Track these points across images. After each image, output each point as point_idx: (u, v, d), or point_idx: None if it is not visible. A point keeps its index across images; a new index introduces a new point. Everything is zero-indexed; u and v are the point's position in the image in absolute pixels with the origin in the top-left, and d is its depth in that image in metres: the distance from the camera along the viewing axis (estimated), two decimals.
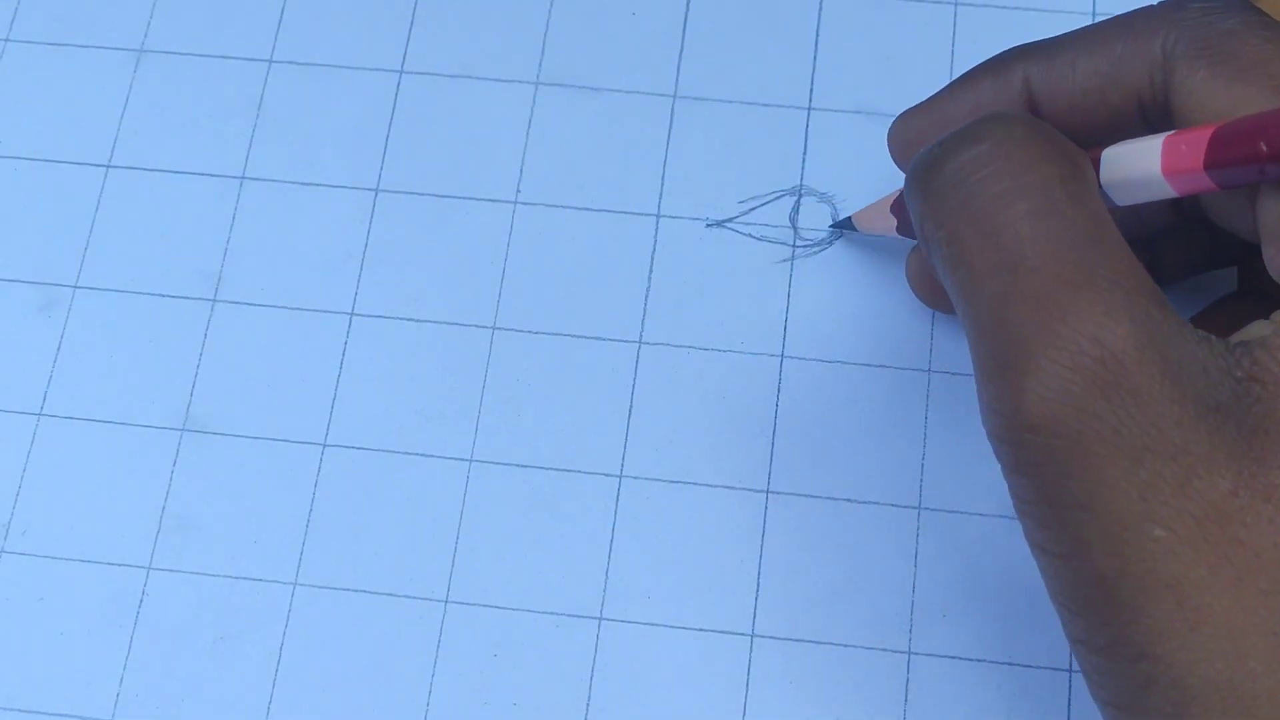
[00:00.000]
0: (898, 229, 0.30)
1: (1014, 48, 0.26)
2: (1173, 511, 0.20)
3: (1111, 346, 0.20)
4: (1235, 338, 0.22)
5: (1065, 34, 0.26)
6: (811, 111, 0.34)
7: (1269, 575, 0.20)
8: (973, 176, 0.22)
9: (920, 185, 0.23)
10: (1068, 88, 0.25)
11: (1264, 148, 0.22)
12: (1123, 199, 0.24)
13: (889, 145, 0.28)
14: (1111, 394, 0.20)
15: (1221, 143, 0.22)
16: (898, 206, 0.30)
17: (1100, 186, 0.24)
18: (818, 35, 0.34)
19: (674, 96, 0.34)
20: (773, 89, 0.34)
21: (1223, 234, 0.26)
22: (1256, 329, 0.22)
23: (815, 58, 0.34)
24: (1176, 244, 0.27)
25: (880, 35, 0.34)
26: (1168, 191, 0.23)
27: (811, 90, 0.34)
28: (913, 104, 0.28)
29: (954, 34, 0.34)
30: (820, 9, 0.35)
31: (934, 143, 0.23)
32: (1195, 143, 0.23)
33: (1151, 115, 0.24)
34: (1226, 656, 0.20)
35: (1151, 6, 0.25)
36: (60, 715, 0.30)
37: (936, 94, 0.27)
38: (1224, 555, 0.20)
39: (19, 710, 0.30)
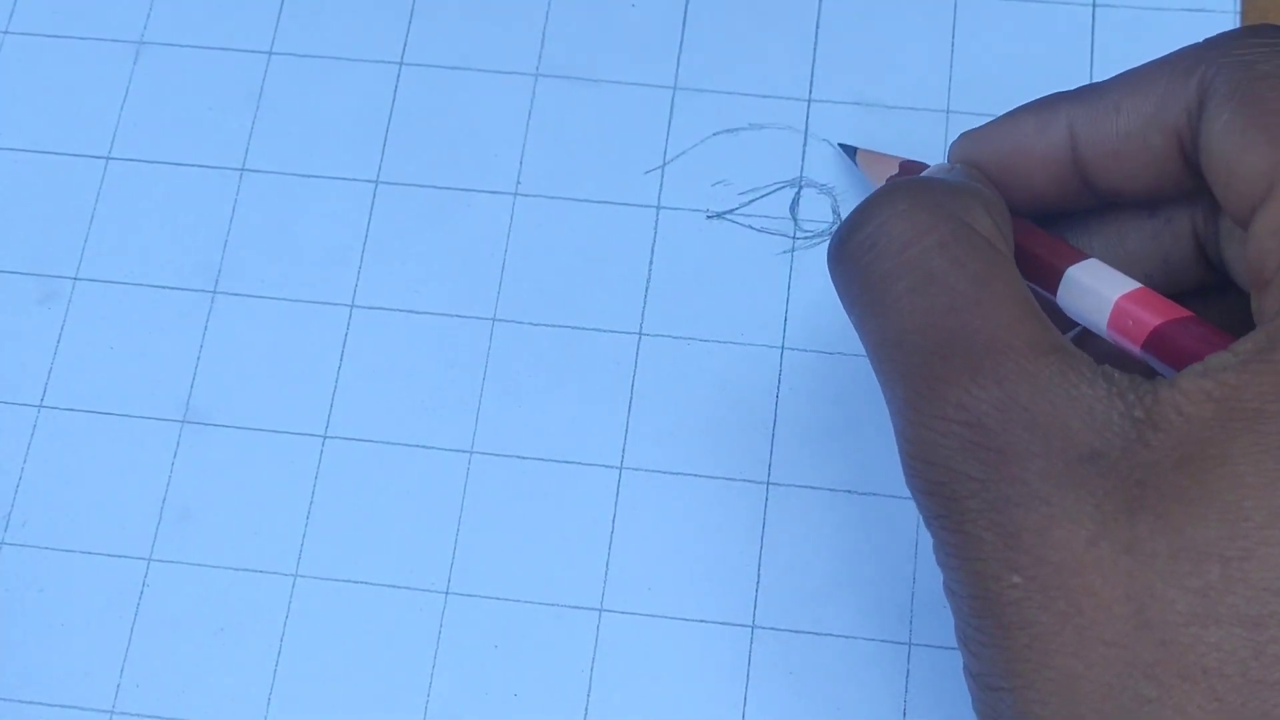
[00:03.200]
0: None
1: (1059, 92, 0.26)
2: (1032, 559, 0.21)
3: (975, 410, 0.21)
4: (1191, 367, 0.22)
5: (1111, 77, 0.25)
6: (811, 103, 0.34)
7: (1114, 627, 0.20)
8: (864, 258, 0.24)
9: (830, 265, 0.25)
10: (1110, 131, 0.25)
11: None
12: (1070, 312, 0.25)
13: (950, 160, 0.28)
14: (979, 453, 0.21)
15: (1159, 340, 0.24)
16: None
17: (1059, 302, 0.25)
18: (818, 27, 0.34)
19: (674, 88, 0.34)
20: (773, 81, 0.34)
21: None
22: (1213, 360, 0.21)
23: (815, 49, 0.34)
24: (1209, 309, 0.27)
25: (880, 27, 0.34)
26: (1107, 335, 0.25)
27: (811, 82, 0.34)
28: (972, 127, 0.28)
29: (954, 25, 0.34)
30: (820, 0, 0.35)
31: (840, 223, 0.25)
32: (1139, 325, 0.24)
33: (1190, 158, 0.24)
34: (1062, 701, 0.20)
35: (1197, 43, 0.24)
36: (61, 706, 0.30)
37: (986, 125, 0.27)
38: (1075, 604, 0.20)
39: (20, 701, 0.30)
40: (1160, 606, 0.20)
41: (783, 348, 0.32)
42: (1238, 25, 0.33)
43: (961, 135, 0.27)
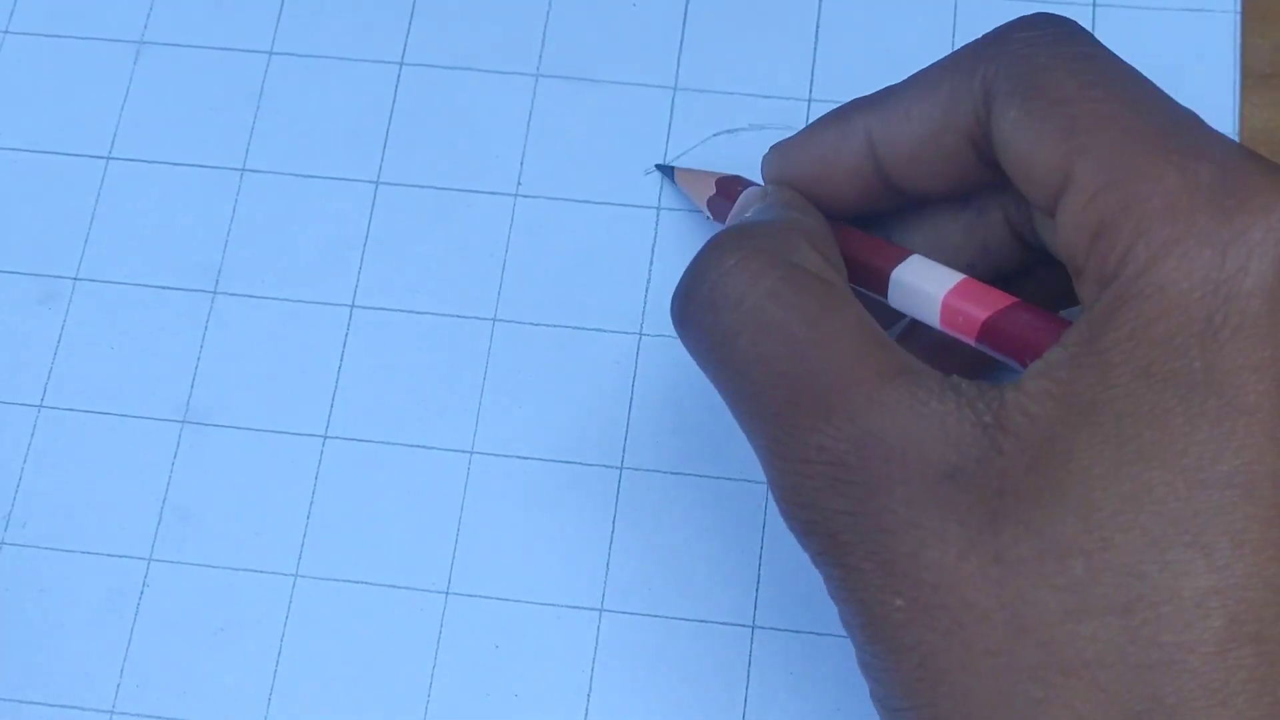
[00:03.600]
0: (711, 214, 0.31)
1: (855, 100, 0.26)
2: (910, 583, 0.21)
3: (834, 450, 0.22)
4: (1032, 366, 0.22)
5: (902, 81, 0.26)
6: (812, 103, 0.34)
7: (995, 635, 0.20)
8: (704, 321, 0.24)
9: (676, 329, 0.25)
10: (905, 137, 0.25)
11: (1025, 363, 0.23)
12: (905, 312, 0.26)
13: (761, 174, 0.28)
14: (845, 489, 0.22)
15: (991, 332, 0.24)
16: (716, 204, 0.30)
17: (890, 302, 0.26)
18: (818, 27, 0.34)
19: (674, 89, 0.34)
20: (773, 81, 0.34)
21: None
22: (1050, 356, 0.22)
23: (816, 49, 0.34)
24: (1034, 283, 0.27)
25: (880, 26, 0.34)
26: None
27: (812, 82, 0.34)
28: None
29: (954, 24, 0.34)
30: (820, 0, 0.35)
31: (677, 285, 0.25)
32: (969, 320, 0.24)
33: (986, 155, 0.24)
34: (958, 714, 0.21)
35: (975, 41, 0.25)
36: (61, 706, 0.30)
37: (792, 138, 0.27)
38: (956, 619, 0.21)
39: (20, 701, 0.30)
40: (1033, 609, 0.20)
41: None
42: (1238, 25, 0.33)
43: (771, 149, 0.28)
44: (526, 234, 0.33)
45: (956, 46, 0.34)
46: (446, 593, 0.31)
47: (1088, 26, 0.33)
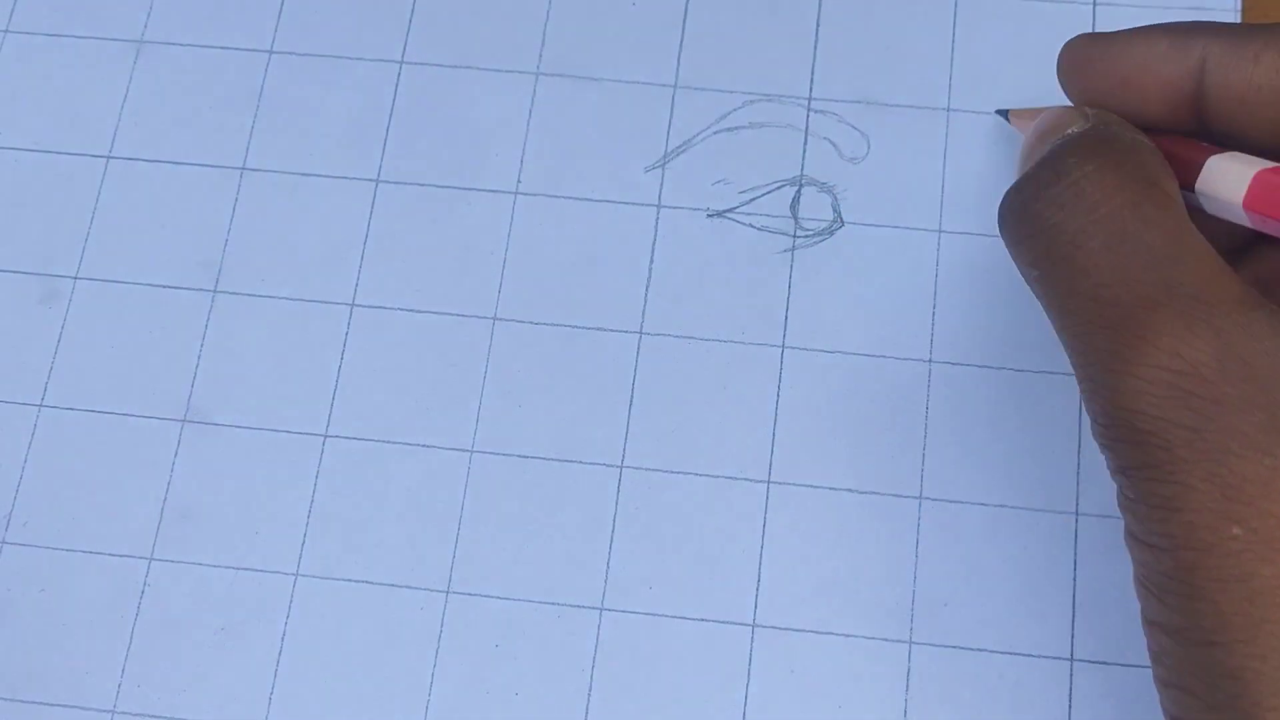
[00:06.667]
0: None
1: (1202, 21, 0.25)
2: (1254, 511, 0.20)
3: (1191, 359, 0.21)
4: None
5: (1259, 25, 0.25)
6: (812, 101, 0.34)
7: None
8: (1052, 218, 0.23)
9: (1008, 228, 0.24)
10: (1244, 78, 0.24)
11: None
12: (1212, 209, 0.25)
13: (1059, 61, 0.27)
14: (1194, 403, 0.21)
15: None
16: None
17: (1197, 190, 0.25)
18: (818, 25, 0.34)
19: (674, 87, 0.34)
20: (773, 79, 0.34)
21: None
22: None
23: (816, 47, 0.34)
24: None
25: (881, 24, 0.34)
26: (1245, 220, 0.24)
27: (812, 80, 0.34)
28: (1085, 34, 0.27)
29: (954, 23, 0.34)
30: (820, 0, 0.35)
31: (1018, 180, 0.24)
32: (1276, 192, 0.23)
33: None
34: None
35: None
36: (62, 706, 0.30)
37: (1113, 34, 0.26)
38: None
39: (21, 701, 0.30)
40: None
41: (783, 346, 0.32)
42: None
43: (1086, 40, 0.26)
44: (526, 232, 0.33)
45: (957, 46, 0.34)
46: (447, 592, 0.31)
47: (1087, 26, 0.33)
